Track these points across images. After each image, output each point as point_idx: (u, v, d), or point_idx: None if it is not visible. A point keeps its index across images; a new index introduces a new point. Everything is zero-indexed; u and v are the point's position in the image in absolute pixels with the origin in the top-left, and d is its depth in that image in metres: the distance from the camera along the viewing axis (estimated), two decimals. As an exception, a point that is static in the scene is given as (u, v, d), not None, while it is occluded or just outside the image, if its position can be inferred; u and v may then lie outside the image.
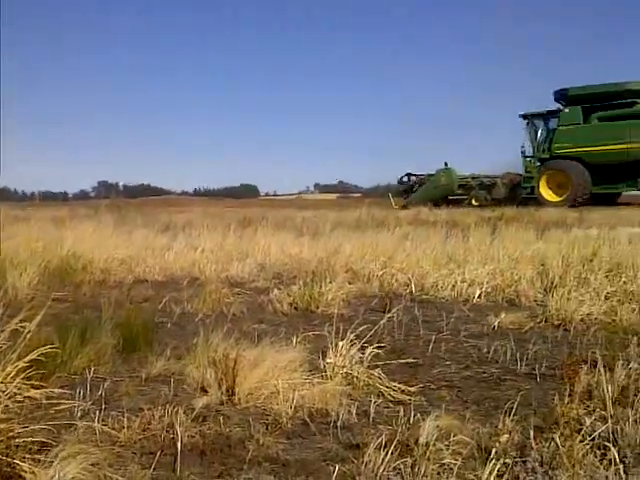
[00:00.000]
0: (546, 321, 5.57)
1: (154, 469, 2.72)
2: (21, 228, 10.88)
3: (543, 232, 10.55)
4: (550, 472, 2.58)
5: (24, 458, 2.56)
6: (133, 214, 19.43)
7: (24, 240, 9.01)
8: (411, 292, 7.07)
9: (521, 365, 4.26)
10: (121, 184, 76.00)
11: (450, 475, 2.61)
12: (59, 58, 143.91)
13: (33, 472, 2.46)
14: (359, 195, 60.76)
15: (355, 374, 3.83)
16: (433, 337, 4.90)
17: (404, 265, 7.89)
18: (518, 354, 4.42)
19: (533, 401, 3.55)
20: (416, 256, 8.19)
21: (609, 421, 2.97)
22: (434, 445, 2.77)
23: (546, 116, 29.87)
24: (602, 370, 3.47)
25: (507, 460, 2.67)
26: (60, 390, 3.38)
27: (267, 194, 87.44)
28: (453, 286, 7.03)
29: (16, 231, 10.37)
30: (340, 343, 3.93)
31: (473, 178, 31.66)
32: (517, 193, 29.63)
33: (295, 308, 6.16)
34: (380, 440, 2.78)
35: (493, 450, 2.76)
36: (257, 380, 3.56)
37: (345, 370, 3.84)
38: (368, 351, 3.95)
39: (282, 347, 4.03)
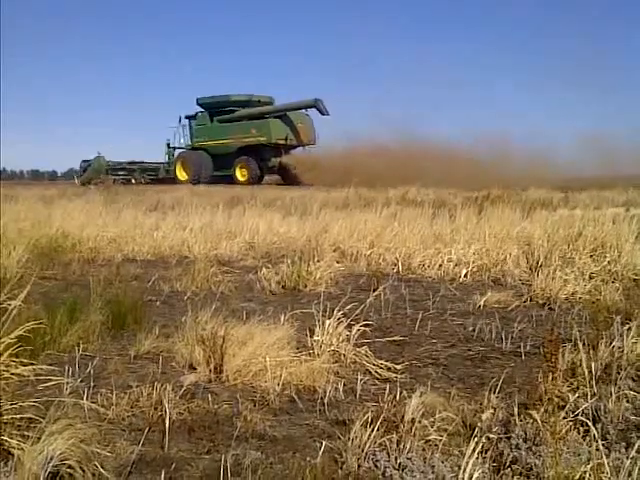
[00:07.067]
0: (531, 300, 5.63)
1: (142, 445, 2.74)
2: (10, 207, 10.81)
3: (529, 212, 10.57)
4: (534, 448, 2.62)
5: (12, 434, 2.57)
6: (122, 193, 19.35)
7: (13, 219, 8.97)
8: (398, 271, 7.10)
9: (506, 343, 4.31)
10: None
11: (435, 451, 2.65)
12: (47, 39, 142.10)
13: (21, 448, 2.48)
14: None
15: (342, 352, 3.87)
16: (419, 316, 4.93)
17: (391, 244, 7.91)
18: (503, 332, 4.47)
19: (517, 378, 3.60)
20: (403, 235, 8.21)
21: (591, 398, 3.01)
22: (419, 422, 2.81)
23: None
24: (586, 348, 3.52)
25: (491, 436, 2.71)
26: (49, 367, 3.38)
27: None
28: (440, 265, 7.07)
29: (4, 210, 10.30)
30: (327, 321, 3.96)
31: (132, 163, 39.32)
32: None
33: (283, 287, 6.18)
34: (366, 417, 2.81)
35: (477, 426, 2.80)
36: (245, 358, 3.58)
37: (332, 348, 3.88)
38: (355, 329, 3.99)
39: (270, 325, 4.05)
